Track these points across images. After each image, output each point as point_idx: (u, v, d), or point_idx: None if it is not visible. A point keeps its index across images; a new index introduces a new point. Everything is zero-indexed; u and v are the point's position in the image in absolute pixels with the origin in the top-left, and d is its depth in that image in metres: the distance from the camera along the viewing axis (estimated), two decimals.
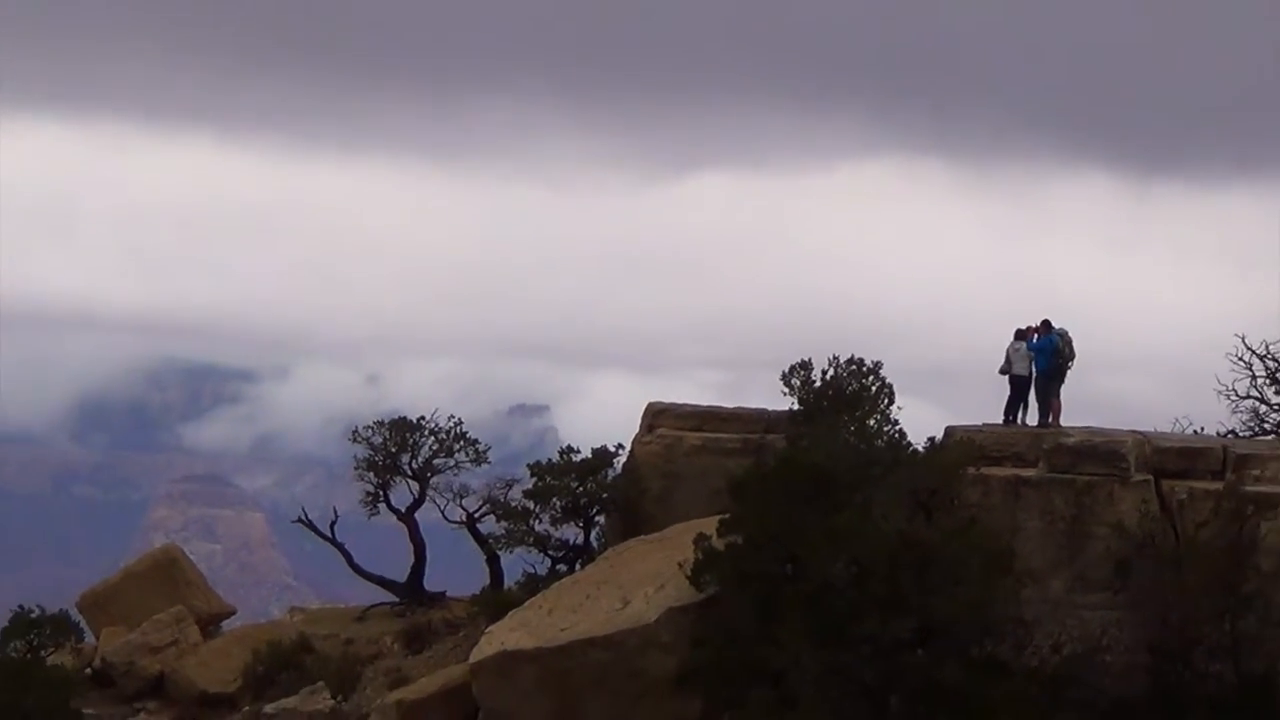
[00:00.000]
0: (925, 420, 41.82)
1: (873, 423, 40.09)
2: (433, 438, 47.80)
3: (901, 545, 33.43)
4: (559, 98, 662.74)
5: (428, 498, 47.67)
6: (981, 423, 40.43)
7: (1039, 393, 40.86)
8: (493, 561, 46.44)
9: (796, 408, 41.69)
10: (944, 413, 44.65)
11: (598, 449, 44.61)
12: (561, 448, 45.23)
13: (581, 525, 44.56)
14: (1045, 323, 41.13)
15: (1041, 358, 40.73)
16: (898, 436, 39.07)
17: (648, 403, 45.65)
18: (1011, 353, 41.09)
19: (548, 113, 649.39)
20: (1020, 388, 41.01)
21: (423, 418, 48.07)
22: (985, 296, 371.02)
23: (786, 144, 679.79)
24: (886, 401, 41.14)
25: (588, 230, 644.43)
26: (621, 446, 44.80)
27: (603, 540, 44.12)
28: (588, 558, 43.73)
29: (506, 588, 45.19)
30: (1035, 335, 41.02)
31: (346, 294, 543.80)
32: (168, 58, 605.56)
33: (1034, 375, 40.85)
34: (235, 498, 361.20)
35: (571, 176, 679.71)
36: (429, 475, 47.60)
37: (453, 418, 48.29)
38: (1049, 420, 40.49)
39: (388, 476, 47.88)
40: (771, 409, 43.28)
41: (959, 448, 37.99)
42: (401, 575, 48.59)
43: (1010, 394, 41.12)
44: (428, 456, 47.65)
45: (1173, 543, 36.19)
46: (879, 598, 32.84)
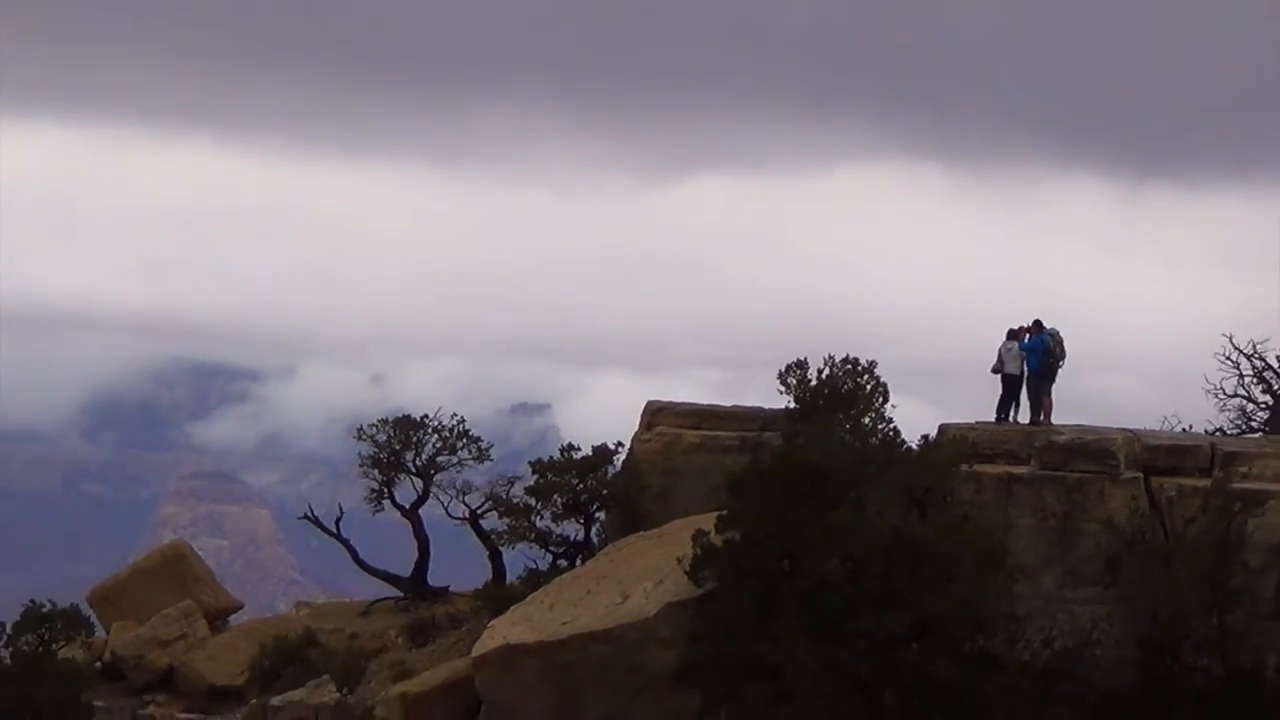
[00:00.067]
0: (919, 418, 41.88)
1: (867, 421, 40.09)
2: (436, 436, 47.85)
3: (896, 542, 33.42)
4: (559, 101, 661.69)
5: (431, 494, 47.71)
6: (974, 421, 40.42)
7: (1031, 392, 40.87)
8: (495, 557, 46.45)
9: (793, 406, 41.69)
10: (937, 411, 44.66)
11: (598, 447, 44.62)
12: (562, 445, 45.26)
13: (582, 521, 44.57)
14: (1037, 323, 41.13)
15: (1033, 357, 40.73)
16: (892, 434, 39.04)
17: (647, 401, 45.65)
18: (1004, 352, 41.09)
19: (548, 116, 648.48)
20: (1012, 387, 41.00)
21: (426, 416, 48.17)
22: (980, 297, 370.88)
23: (786, 147, 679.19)
24: (881, 400, 41.17)
25: (588, 232, 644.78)
26: (621, 444, 44.83)
27: (603, 536, 44.13)
28: (588, 553, 43.74)
29: (508, 583, 45.20)
30: (1027, 335, 41.02)
31: (350, 295, 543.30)
32: (173, 61, 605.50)
33: (1026, 374, 40.87)
34: (242, 494, 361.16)
35: (572, 179, 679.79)
36: (432, 472, 47.65)
37: (455, 416, 48.40)
38: (1041, 419, 40.48)
39: (392, 474, 47.93)
40: (768, 407, 43.29)
41: (952, 446, 37.99)
42: (406, 570, 48.62)
43: (1002, 393, 41.11)
44: (431, 454, 47.70)
45: (1162, 539, 36.21)
46: (874, 593, 32.83)
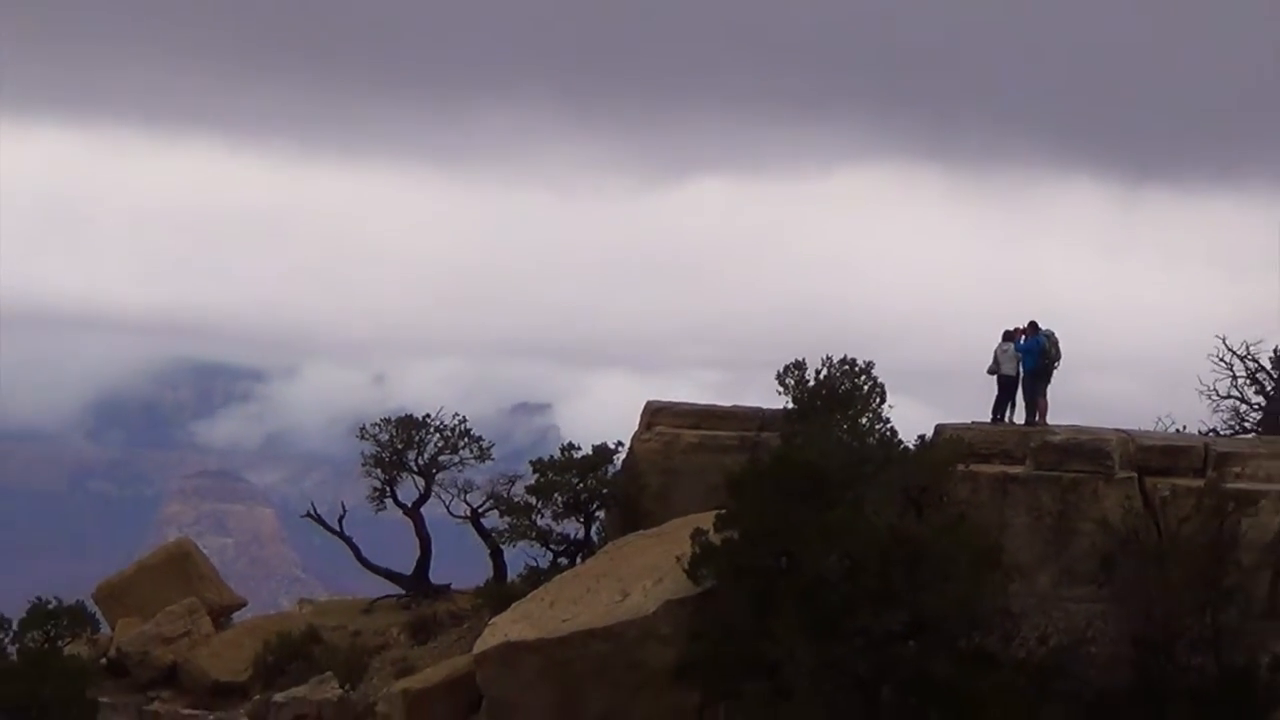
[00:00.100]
0: (916, 419, 41.80)
1: (865, 421, 40.06)
2: (438, 435, 47.82)
3: (893, 541, 33.43)
4: (560, 103, 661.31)
5: (433, 493, 47.67)
6: (970, 421, 40.43)
7: (1026, 392, 40.87)
8: (496, 555, 46.45)
9: (791, 406, 41.68)
10: (934, 411, 44.54)
11: (598, 446, 44.61)
12: (563, 445, 45.24)
13: (582, 520, 44.56)
14: (1032, 324, 41.15)
15: (1029, 358, 40.74)
16: (889, 435, 39.02)
17: (647, 401, 45.64)
18: (999, 353, 41.10)
19: (549, 118, 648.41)
20: (1008, 387, 41.01)
21: (428, 416, 48.13)
22: (976, 299, 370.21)
23: (785, 149, 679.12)
24: (878, 400, 41.13)
25: (588, 234, 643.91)
26: (621, 444, 44.82)
27: (603, 535, 44.12)
28: (588, 552, 43.73)
29: (509, 581, 45.18)
30: (1023, 337, 41.03)
31: (352, 296, 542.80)
32: (180, 64, 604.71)
33: (1021, 375, 40.88)
34: (246, 493, 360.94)
35: (572, 181, 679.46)
36: (434, 471, 47.62)
37: (457, 416, 48.35)
38: (1036, 419, 40.49)
39: (394, 472, 47.89)
40: (767, 408, 43.28)
41: (949, 446, 37.99)
42: (408, 568, 48.60)
43: (998, 393, 41.12)
44: (433, 453, 47.68)
45: (1156, 538, 36.20)
46: (871, 592, 32.84)
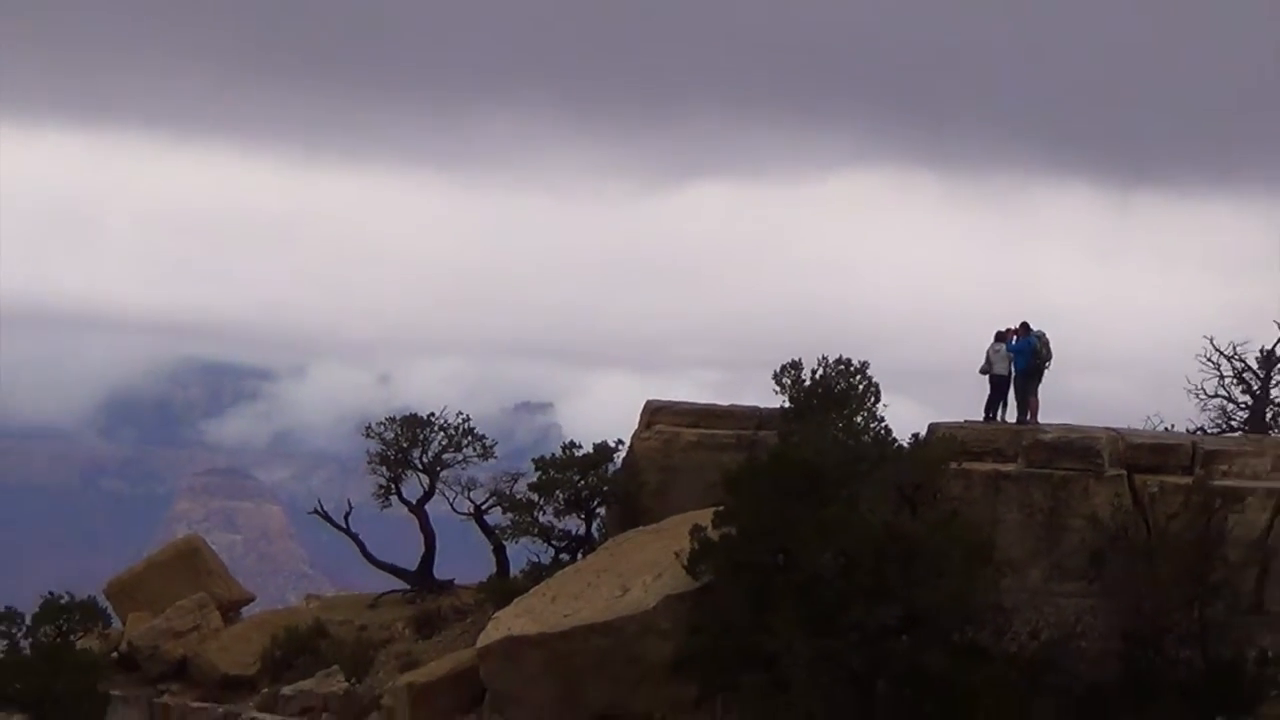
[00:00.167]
0: (910, 418, 41.77)
1: (860, 420, 39.99)
2: (442, 433, 47.73)
3: (887, 537, 33.39)
4: (561, 109, 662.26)
5: (437, 490, 47.60)
6: (963, 420, 40.38)
7: (1018, 392, 40.82)
8: (499, 551, 46.42)
9: (787, 406, 41.63)
10: (928, 410, 44.45)
11: (599, 444, 44.56)
12: (564, 443, 45.22)
13: (583, 517, 44.52)
14: (1024, 325, 41.09)
15: (1020, 358, 40.69)
16: (884, 433, 38.96)
17: (646, 400, 45.59)
18: (992, 354, 41.05)
19: (550, 124, 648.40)
20: (1000, 387, 40.97)
21: (432, 414, 48.03)
22: (969, 301, 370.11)
23: (783, 155, 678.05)
24: (873, 400, 41.06)
25: (589, 237, 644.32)
26: (621, 442, 44.78)
27: (603, 531, 44.09)
28: (589, 548, 43.69)
29: (512, 576, 45.13)
30: (1014, 337, 40.98)
31: (358, 298, 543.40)
32: (193, 71, 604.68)
33: (1013, 375, 40.84)
34: (254, 490, 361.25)
35: (573, 185, 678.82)
36: (438, 469, 47.55)
37: (461, 414, 48.26)
38: (1027, 418, 40.44)
39: (399, 470, 47.81)
40: (764, 407, 43.22)
41: (942, 444, 37.96)
42: (412, 564, 48.56)
43: (990, 393, 41.07)
44: (437, 451, 47.60)
45: (1145, 534, 36.16)
46: (866, 587, 32.80)
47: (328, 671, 42.51)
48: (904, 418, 40.79)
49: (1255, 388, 47.18)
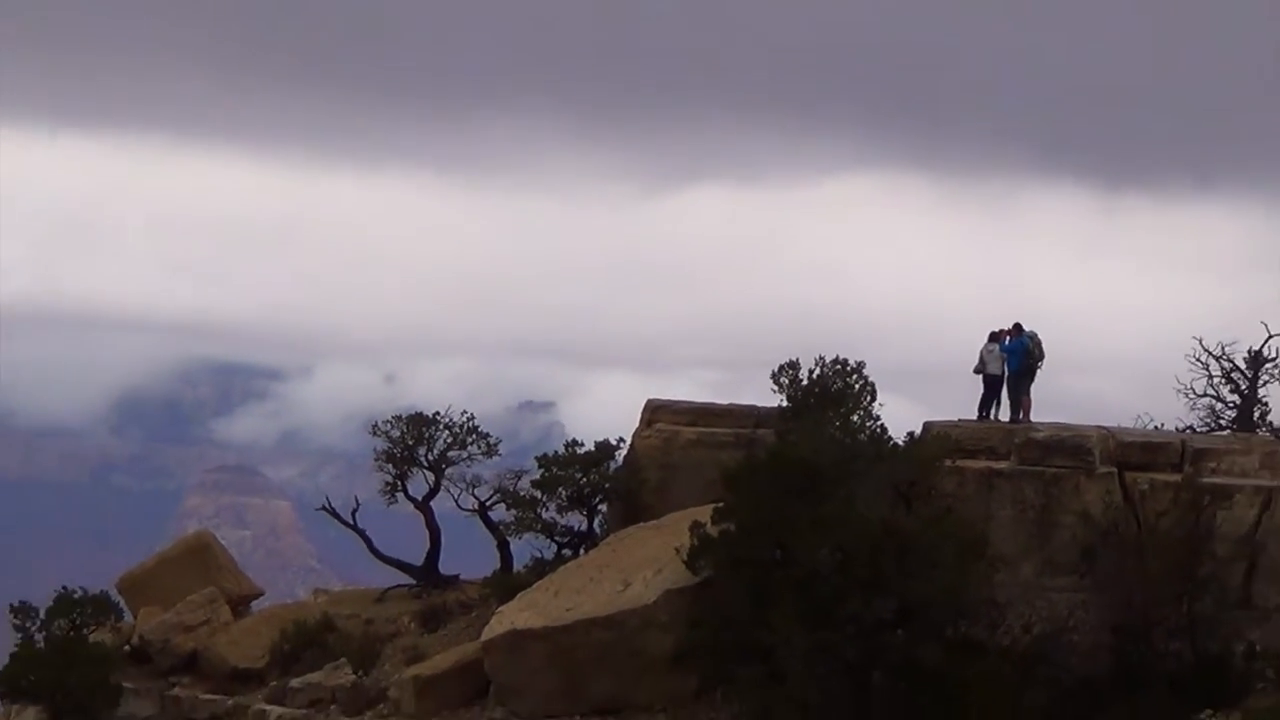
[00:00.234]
0: (905, 416, 41.79)
1: (856, 418, 40.00)
2: (447, 432, 47.72)
3: (883, 533, 33.40)
4: (563, 114, 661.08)
5: (442, 487, 47.59)
6: (957, 419, 40.41)
7: (1011, 391, 40.84)
8: (503, 547, 46.40)
9: (785, 404, 41.64)
10: (922, 409, 44.54)
11: (600, 442, 44.56)
12: (567, 441, 45.16)
13: (585, 513, 44.52)
14: (1017, 326, 41.12)
15: (1013, 358, 40.71)
16: (879, 431, 38.98)
17: (647, 400, 45.61)
18: (985, 354, 41.08)
19: (553, 129, 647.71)
20: (993, 386, 40.98)
21: (438, 413, 48.01)
22: (963, 302, 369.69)
23: (779, 159, 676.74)
24: (869, 399, 41.04)
25: (591, 239, 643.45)
26: (622, 440, 44.79)
27: (605, 527, 44.10)
28: (591, 543, 43.69)
29: (516, 571, 45.14)
30: (1007, 337, 41.01)
31: (365, 299, 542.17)
32: (204, 80, 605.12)
33: (1006, 375, 40.86)
34: (263, 487, 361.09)
35: (575, 189, 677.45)
36: (444, 466, 47.54)
37: (465, 413, 48.23)
38: (1020, 416, 40.47)
39: (405, 468, 47.80)
40: (762, 406, 43.22)
41: (936, 442, 37.96)
42: (418, 560, 48.56)
43: (984, 392, 41.09)
44: (442, 449, 47.59)
45: (1135, 530, 36.15)
46: (862, 581, 32.80)
47: (335, 664, 42.53)
48: (899, 416, 40.85)
49: (1243, 387, 47.14)
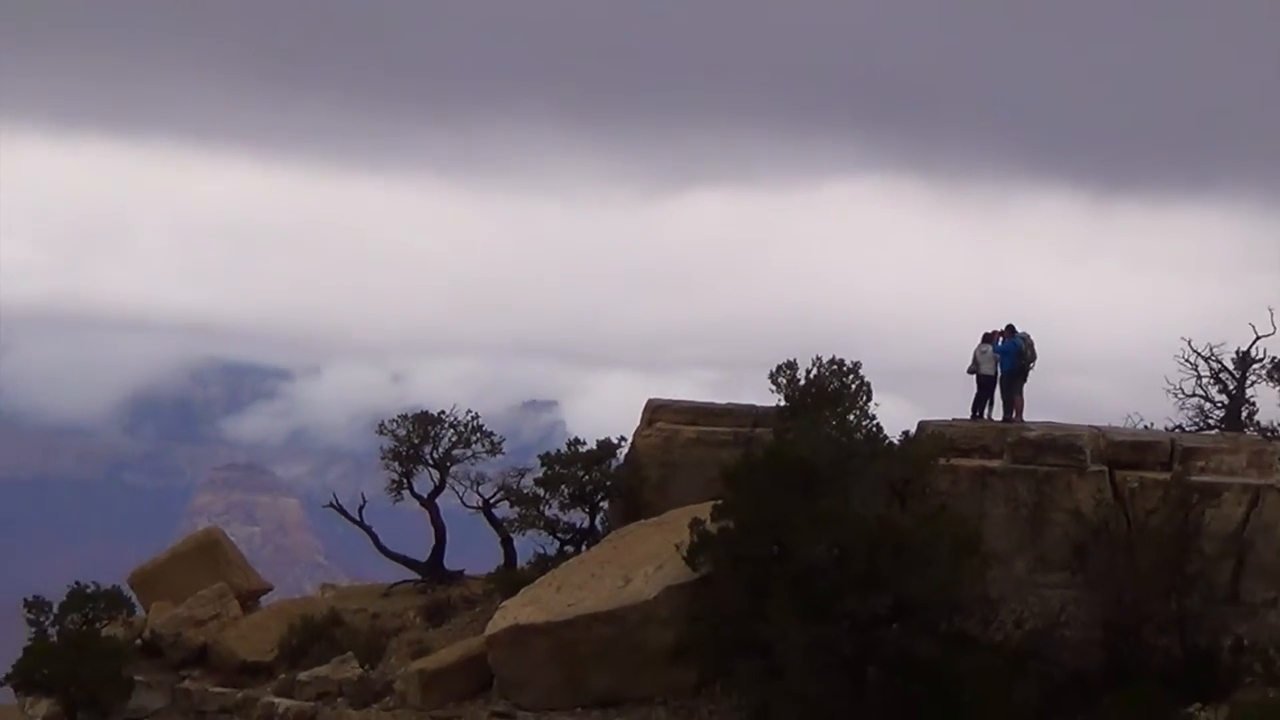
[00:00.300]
0: (900, 416, 41.78)
1: (852, 418, 39.98)
2: (452, 430, 47.69)
3: (879, 530, 33.41)
4: (565, 120, 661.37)
5: (447, 485, 47.56)
6: (951, 418, 40.42)
7: (1004, 391, 40.87)
8: (506, 543, 46.39)
9: (783, 404, 41.64)
10: (917, 409, 44.54)
11: (602, 441, 44.54)
12: (569, 440, 45.12)
13: (587, 510, 44.49)
14: (1010, 327, 41.15)
15: (1006, 359, 40.74)
16: (875, 430, 38.97)
17: (648, 399, 45.57)
18: (979, 354, 41.11)
19: (555, 134, 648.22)
20: (986, 386, 41.03)
21: (443, 412, 47.97)
22: (957, 303, 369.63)
23: (777, 164, 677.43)
24: (865, 398, 41.02)
25: (593, 243, 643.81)
26: (624, 439, 44.77)
27: (606, 524, 44.08)
28: (593, 540, 43.68)
29: (519, 567, 45.14)
30: (1000, 338, 41.04)
31: (372, 301, 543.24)
32: (216, 85, 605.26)
33: (999, 375, 40.88)
34: (272, 485, 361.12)
35: (576, 192, 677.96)
36: (448, 464, 47.52)
37: (470, 412, 48.20)
38: (1013, 416, 40.50)
39: (411, 466, 47.76)
40: (760, 405, 43.20)
41: (931, 441, 38.00)
42: (424, 555, 48.53)
43: (977, 392, 41.13)
44: (447, 447, 47.56)
45: (1125, 528, 36.16)
46: (858, 577, 32.81)
47: (342, 658, 42.51)
48: (894, 416, 40.82)
49: (1231, 387, 47.15)
